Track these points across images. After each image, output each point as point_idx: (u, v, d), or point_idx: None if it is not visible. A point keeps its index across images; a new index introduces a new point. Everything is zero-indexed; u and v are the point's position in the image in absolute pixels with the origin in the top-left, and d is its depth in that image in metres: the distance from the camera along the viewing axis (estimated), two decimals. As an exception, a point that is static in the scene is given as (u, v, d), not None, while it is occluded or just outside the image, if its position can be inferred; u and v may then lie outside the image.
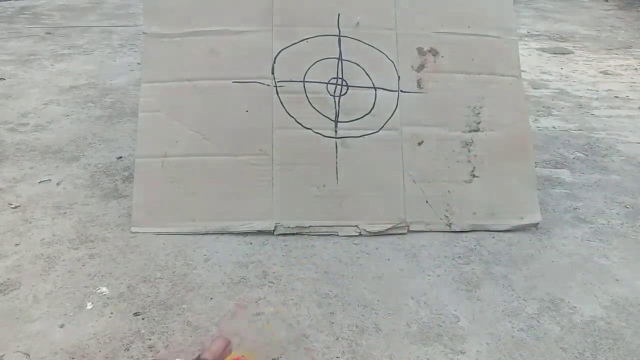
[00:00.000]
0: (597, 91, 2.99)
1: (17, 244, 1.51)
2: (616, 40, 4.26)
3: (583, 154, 2.19)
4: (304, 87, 1.64)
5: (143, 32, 1.66)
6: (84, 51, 3.55)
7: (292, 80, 1.64)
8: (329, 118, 1.63)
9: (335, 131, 1.63)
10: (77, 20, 4.50)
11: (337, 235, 1.58)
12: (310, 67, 1.64)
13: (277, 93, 1.63)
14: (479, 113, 1.66)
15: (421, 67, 1.67)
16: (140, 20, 3.83)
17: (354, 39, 1.66)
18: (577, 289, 1.38)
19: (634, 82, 3.16)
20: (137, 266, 1.43)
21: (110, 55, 3.47)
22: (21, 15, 4.62)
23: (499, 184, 1.65)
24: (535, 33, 4.39)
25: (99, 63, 3.30)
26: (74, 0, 5.27)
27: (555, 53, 3.79)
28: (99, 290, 1.33)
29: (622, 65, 3.53)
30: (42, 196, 1.77)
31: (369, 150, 1.63)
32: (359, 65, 1.65)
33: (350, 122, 1.64)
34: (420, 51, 1.68)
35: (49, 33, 4.02)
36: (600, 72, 3.36)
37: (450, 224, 1.61)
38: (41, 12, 4.79)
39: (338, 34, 1.66)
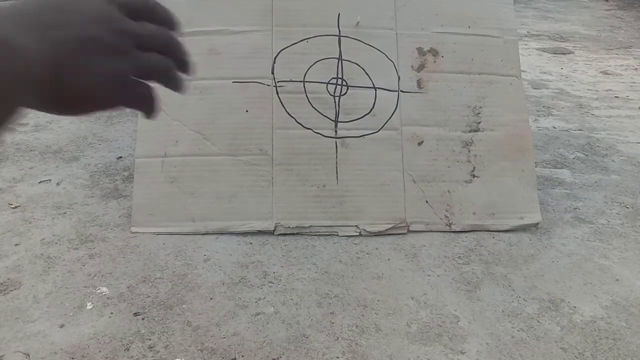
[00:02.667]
0: (597, 91, 2.99)
1: (17, 244, 1.51)
2: (616, 40, 4.26)
3: (583, 154, 2.19)
4: (304, 87, 1.64)
5: (143, 32, 1.66)
6: (84, 51, 3.55)
7: (292, 80, 1.64)
8: (329, 118, 1.63)
9: (335, 131, 1.63)
10: (77, 20, 4.50)
11: (337, 235, 1.58)
12: (310, 67, 1.64)
13: (277, 93, 1.63)
14: (479, 113, 1.66)
15: (421, 67, 1.67)
16: (140, 20, 3.82)
17: (354, 39, 1.66)
18: (577, 289, 1.38)
19: (634, 82, 3.16)
20: (137, 266, 1.43)
21: (110, 55, 3.47)
22: (21, 15, 4.62)
23: (499, 184, 1.65)
24: (535, 33, 4.39)
25: (99, 63, 3.29)
26: (74, 0, 5.27)
27: (555, 53, 3.79)
28: (98, 290, 1.33)
29: (622, 65, 3.53)
30: (42, 196, 1.77)
31: (369, 150, 1.63)
32: (359, 65, 1.65)
33: (350, 122, 1.64)
34: (420, 51, 1.68)
35: (49, 33, 4.01)
36: (600, 72, 3.36)
37: (450, 224, 1.61)
38: (41, 12, 4.78)
39: (338, 34, 1.66)
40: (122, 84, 0.40)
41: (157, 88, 0.41)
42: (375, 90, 1.65)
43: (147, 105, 0.41)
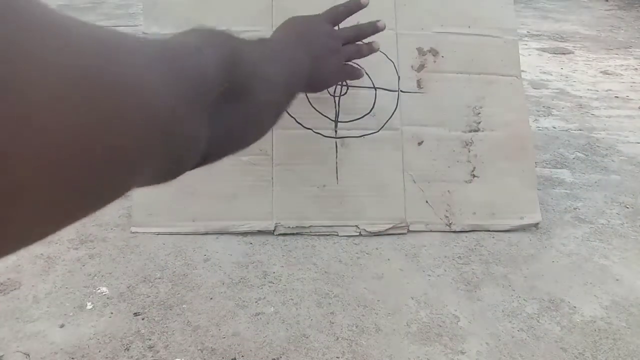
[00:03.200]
0: (597, 91, 2.99)
1: (17, 244, 1.51)
2: (616, 40, 4.26)
3: (583, 154, 2.19)
4: (304, 87, 1.63)
5: (143, 32, 1.66)
6: (84, 51, 3.55)
7: (292, 80, 1.63)
8: (329, 118, 1.63)
9: (335, 131, 1.63)
10: (77, 20, 4.50)
11: (337, 235, 1.58)
12: (310, 67, 1.64)
13: (277, 93, 1.63)
14: (479, 113, 1.66)
15: (421, 67, 1.67)
16: (140, 20, 3.84)
17: (354, 39, 1.66)
18: (577, 289, 1.38)
19: (634, 82, 3.16)
20: (137, 266, 1.43)
21: (110, 55, 3.46)
22: (21, 15, 4.61)
23: (499, 184, 1.65)
24: (535, 33, 4.39)
25: (99, 63, 3.29)
26: (74, 0, 5.27)
27: (555, 53, 3.79)
28: (99, 290, 1.33)
29: (622, 65, 3.53)
30: (42, 196, 1.76)
31: (369, 150, 1.63)
32: (359, 65, 1.65)
33: (350, 122, 1.64)
34: (420, 51, 1.67)
35: (49, 33, 4.01)
36: (600, 72, 3.37)
37: (450, 224, 1.61)
38: (41, 12, 4.78)
39: (338, 34, 1.66)
40: (341, 69, 0.89)
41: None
42: (375, 90, 1.65)
43: (354, 76, 1.03)
